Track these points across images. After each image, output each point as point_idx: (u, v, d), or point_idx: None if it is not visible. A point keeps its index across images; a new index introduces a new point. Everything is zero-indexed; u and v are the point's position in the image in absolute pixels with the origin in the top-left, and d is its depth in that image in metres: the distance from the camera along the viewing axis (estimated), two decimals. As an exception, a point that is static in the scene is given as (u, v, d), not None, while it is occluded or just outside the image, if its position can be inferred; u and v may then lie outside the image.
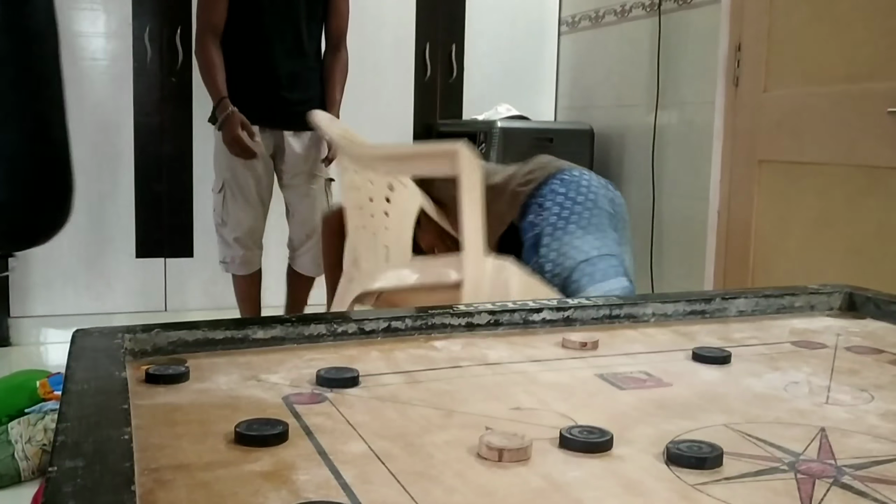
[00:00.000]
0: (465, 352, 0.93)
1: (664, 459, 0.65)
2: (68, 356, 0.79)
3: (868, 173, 2.49)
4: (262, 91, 2.92)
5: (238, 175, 2.96)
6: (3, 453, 2.19)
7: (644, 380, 0.85)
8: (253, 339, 0.92)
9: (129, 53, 3.53)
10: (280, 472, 0.60)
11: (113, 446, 0.57)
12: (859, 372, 0.90)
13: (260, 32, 2.88)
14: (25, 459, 2.20)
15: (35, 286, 3.53)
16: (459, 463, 0.63)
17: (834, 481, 0.62)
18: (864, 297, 1.16)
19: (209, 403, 0.75)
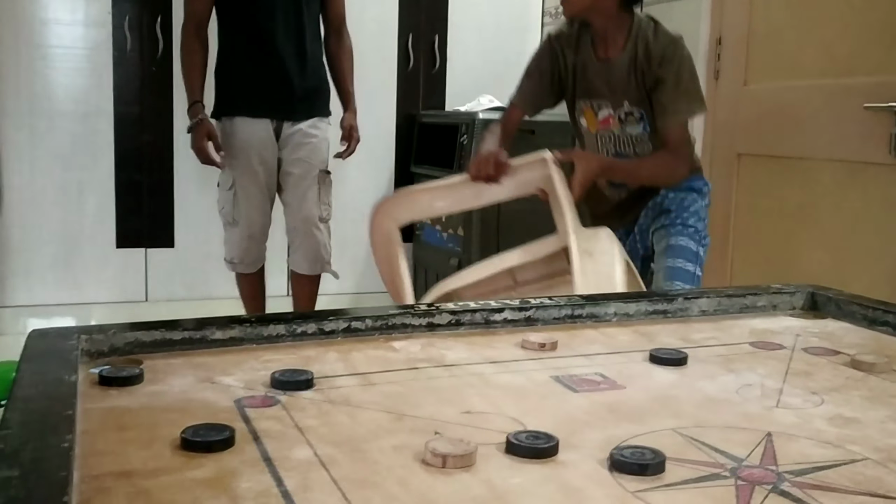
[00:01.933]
0: (424, 353, 0.94)
1: (607, 466, 0.65)
2: (20, 358, 0.79)
3: (846, 168, 2.51)
4: (264, 80, 2.85)
5: (250, 171, 2.86)
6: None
7: (598, 382, 0.86)
8: (211, 340, 0.92)
9: (109, 42, 3.51)
10: (221, 479, 0.60)
11: (52, 454, 0.57)
12: (813, 374, 0.91)
13: (258, 20, 2.82)
14: None
15: (15, 276, 3.52)
16: (403, 469, 0.63)
17: (773, 488, 0.62)
18: (825, 297, 1.17)
19: (160, 407, 0.75)
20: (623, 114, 2.07)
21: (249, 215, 2.90)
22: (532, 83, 2.20)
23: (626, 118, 2.07)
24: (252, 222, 2.92)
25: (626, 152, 2.12)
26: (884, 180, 2.38)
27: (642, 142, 2.10)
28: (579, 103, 2.16)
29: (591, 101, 2.12)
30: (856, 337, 1.07)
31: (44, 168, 3.51)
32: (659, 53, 1.98)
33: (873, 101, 2.37)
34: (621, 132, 2.10)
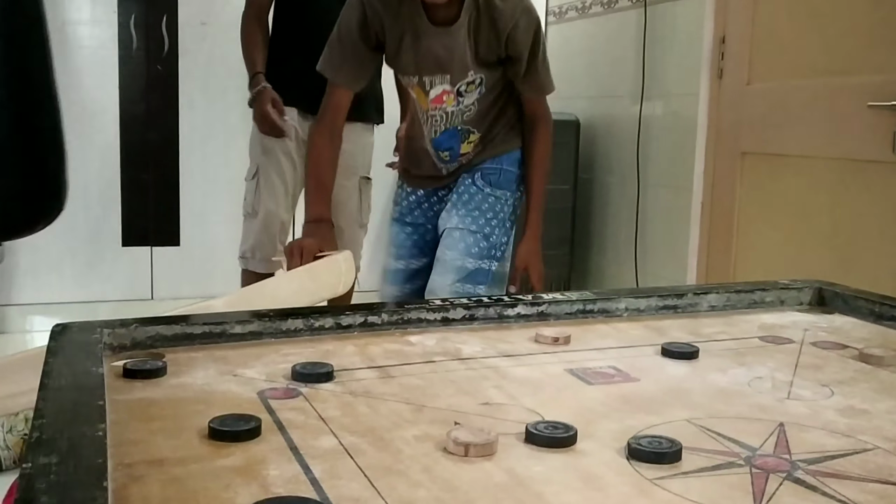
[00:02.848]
0: (440, 346, 0.95)
1: (625, 454, 0.67)
2: (47, 351, 0.81)
3: (849, 166, 2.52)
4: (302, 71, 2.83)
5: (273, 159, 2.82)
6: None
7: (612, 375, 0.88)
8: (231, 334, 0.93)
9: (115, 41, 3.53)
10: (251, 467, 0.62)
11: (87, 442, 0.58)
12: (822, 367, 0.92)
13: (304, 12, 2.82)
14: (7, 449, 2.21)
15: (21, 274, 3.54)
16: (427, 458, 0.65)
17: (787, 476, 0.64)
18: (832, 293, 1.19)
19: (185, 398, 0.76)
20: (465, 85, 1.88)
21: (268, 207, 2.89)
22: (346, 55, 1.90)
23: (465, 89, 1.89)
24: (269, 214, 2.89)
25: (453, 124, 1.96)
26: (887, 178, 2.40)
27: (471, 107, 1.93)
28: (404, 78, 1.96)
29: (421, 78, 1.90)
30: (863, 331, 1.08)
31: (50, 167, 3.52)
32: (510, 19, 1.78)
33: (876, 100, 2.38)
34: (456, 107, 1.92)
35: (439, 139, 2.00)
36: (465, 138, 1.99)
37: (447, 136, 1.99)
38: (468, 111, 1.94)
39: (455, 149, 2.01)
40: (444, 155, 2.02)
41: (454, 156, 2.02)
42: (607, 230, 3.65)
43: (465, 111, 1.94)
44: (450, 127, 1.97)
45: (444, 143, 2.01)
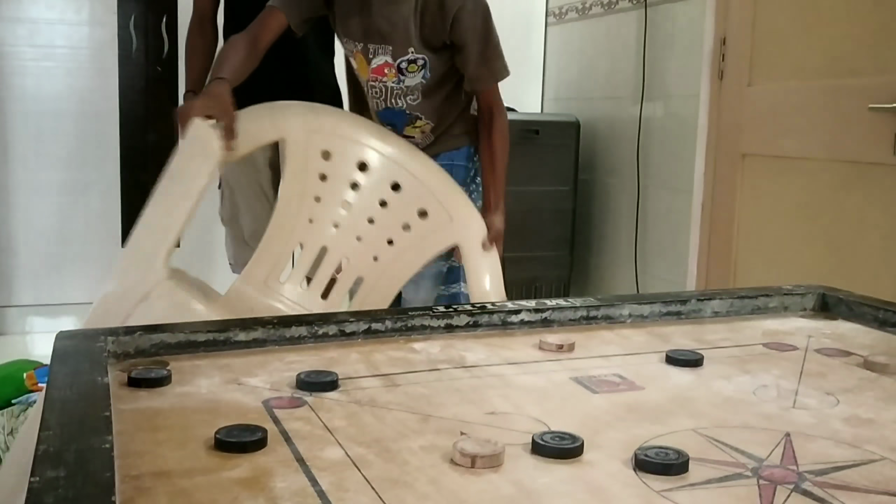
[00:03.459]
0: (444, 354, 0.95)
1: (632, 465, 0.67)
2: (51, 360, 0.80)
3: (850, 168, 2.52)
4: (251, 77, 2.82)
5: (232, 169, 2.86)
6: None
7: (617, 383, 0.87)
8: (234, 342, 0.93)
9: (115, 42, 3.52)
10: (258, 479, 0.62)
11: (94, 455, 0.58)
12: (827, 375, 0.92)
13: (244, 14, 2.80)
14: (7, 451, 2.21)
15: (20, 275, 3.53)
16: (433, 469, 0.65)
17: (795, 487, 0.64)
18: (836, 298, 1.19)
19: (190, 408, 0.76)
20: (406, 62, 1.83)
21: (234, 216, 2.90)
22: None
23: (407, 67, 1.84)
24: (236, 224, 2.90)
25: (396, 105, 1.90)
26: (888, 181, 2.40)
27: (415, 92, 1.87)
28: (349, 42, 1.89)
29: (366, 45, 1.85)
30: (867, 338, 1.08)
31: (49, 168, 3.52)
32: (456, 2, 1.76)
33: (878, 102, 2.38)
34: (397, 84, 1.87)
35: (382, 113, 1.94)
36: (409, 121, 1.93)
37: (388, 112, 1.93)
38: (413, 97, 1.88)
39: (398, 126, 1.93)
40: (388, 129, 1.94)
41: (399, 134, 1.94)
42: (607, 232, 3.65)
43: (409, 95, 1.87)
44: (393, 106, 1.91)
45: (386, 118, 1.94)
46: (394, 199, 1.77)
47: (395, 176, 1.78)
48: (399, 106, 1.90)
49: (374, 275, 1.77)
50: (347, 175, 1.76)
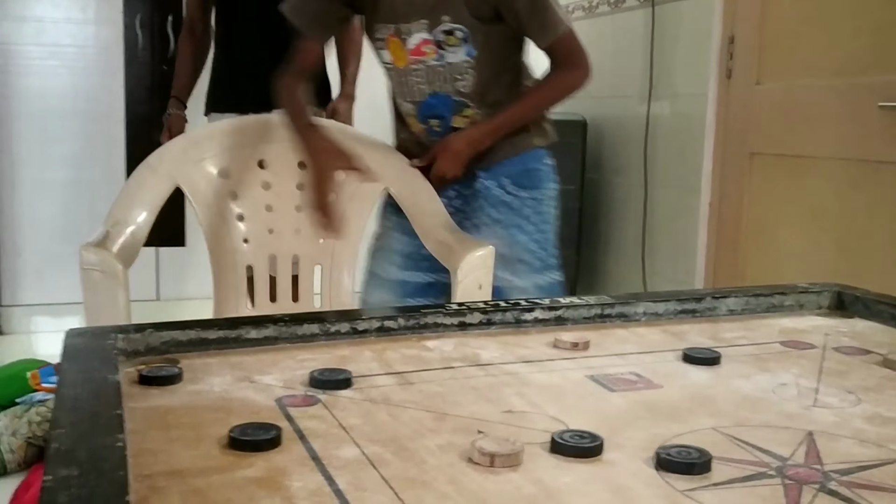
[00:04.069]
0: (458, 352, 0.94)
1: (654, 464, 0.65)
2: (61, 357, 0.79)
3: (859, 167, 2.50)
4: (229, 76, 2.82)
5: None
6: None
7: (634, 381, 0.86)
8: (246, 339, 0.92)
9: (121, 41, 3.52)
10: (273, 479, 0.61)
11: (107, 454, 0.57)
12: (847, 373, 0.91)
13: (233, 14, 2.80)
14: (10, 452, 2.20)
15: (26, 275, 3.53)
16: (452, 468, 0.64)
17: (820, 487, 0.63)
18: (852, 296, 1.17)
19: (202, 406, 0.75)
20: (442, 34, 1.66)
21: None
22: (315, 4, 1.75)
23: (445, 40, 1.66)
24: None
25: (443, 91, 1.72)
26: (898, 179, 2.38)
27: (465, 73, 1.70)
28: (381, 29, 1.74)
29: (396, 26, 1.70)
30: (885, 336, 1.07)
31: (55, 167, 3.51)
32: None
33: (888, 100, 2.36)
34: (440, 62, 1.69)
35: (426, 104, 1.76)
36: (457, 109, 1.76)
37: (435, 100, 1.75)
38: (462, 81, 1.71)
39: (446, 118, 1.76)
40: (435, 125, 1.78)
41: (445, 127, 1.77)
42: (614, 231, 3.63)
43: (458, 78, 1.70)
44: (438, 91, 1.73)
45: (431, 109, 1.76)
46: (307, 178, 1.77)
47: (296, 155, 1.75)
48: (445, 90, 1.73)
49: (328, 255, 1.78)
50: (253, 180, 1.77)
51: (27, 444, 2.22)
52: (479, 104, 1.76)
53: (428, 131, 1.80)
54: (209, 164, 1.74)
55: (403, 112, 1.83)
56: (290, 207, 1.78)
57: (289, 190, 1.79)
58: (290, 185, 1.79)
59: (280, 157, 1.78)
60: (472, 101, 1.75)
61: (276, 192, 1.78)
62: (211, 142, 1.78)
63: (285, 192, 1.78)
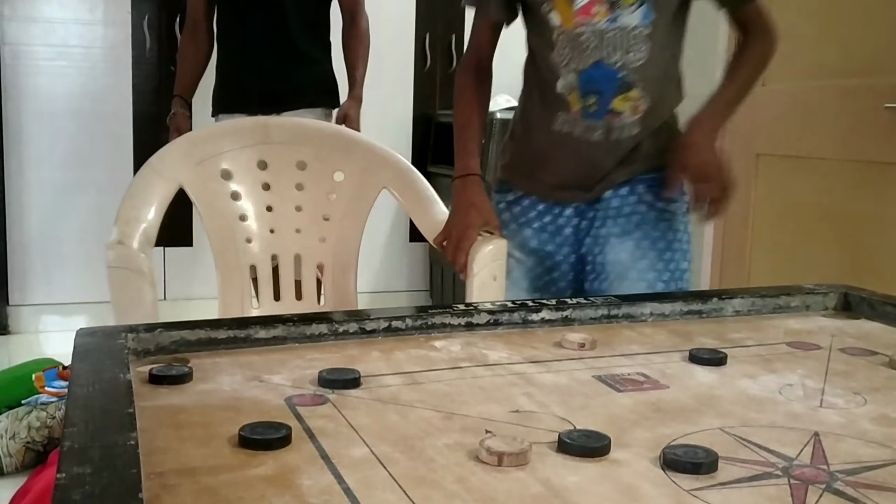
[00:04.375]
0: (465, 352, 0.94)
1: (660, 464, 0.66)
2: (73, 357, 0.80)
3: (865, 168, 2.50)
4: (238, 76, 2.82)
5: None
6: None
7: (641, 381, 0.87)
8: (255, 339, 0.93)
9: (128, 41, 3.53)
10: (284, 477, 0.61)
11: (120, 452, 0.58)
12: (853, 374, 0.91)
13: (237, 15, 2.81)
14: (8, 455, 2.21)
15: (34, 274, 3.54)
16: (460, 467, 0.64)
17: (826, 487, 0.63)
18: (858, 298, 1.18)
19: (213, 405, 0.76)
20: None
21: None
22: None
23: (618, 2, 1.44)
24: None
25: (610, 60, 1.47)
26: (905, 180, 2.38)
27: (638, 44, 1.46)
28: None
29: None
30: (891, 337, 1.07)
31: (63, 167, 3.53)
32: None
33: (893, 101, 2.36)
34: (611, 25, 1.45)
35: (587, 75, 1.49)
36: (621, 88, 1.49)
37: (596, 72, 1.48)
38: (635, 52, 1.46)
39: (605, 95, 1.49)
40: (591, 103, 1.51)
41: (602, 108, 1.51)
42: (620, 231, 3.63)
43: (631, 47, 1.46)
44: (605, 60, 1.47)
45: (590, 83, 1.50)
46: (305, 178, 1.78)
47: (295, 155, 1.78)
48: (613, 61, 1.47)
49: (329, 255, 1.79)
50: (254, 180, 1.78)
51: (25, 448, 2.23)
52: (644, 85, 1.50)
53: (583, 111, 1.53)
54: (210, 165, 1.75)
55: (560, 89, 1.53)
56: (290, 207, 1.79)
57: (288, 190, 1.80)
58: (290, 186, 1.80)
59: (279, 157, 1.79)
60: (638, 80, 1.49)
61: (276, 192, 1.79)
62: (211, 143, 1.79)
63: (285, 192, 1.79)
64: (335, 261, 1.81)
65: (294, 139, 1.80)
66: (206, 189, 1.75)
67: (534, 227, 1.62)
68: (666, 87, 1.55)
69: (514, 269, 1.62)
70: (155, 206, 1.70)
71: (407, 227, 3.99)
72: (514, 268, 1.62)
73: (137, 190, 1.71)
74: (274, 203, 1.79)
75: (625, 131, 1.53)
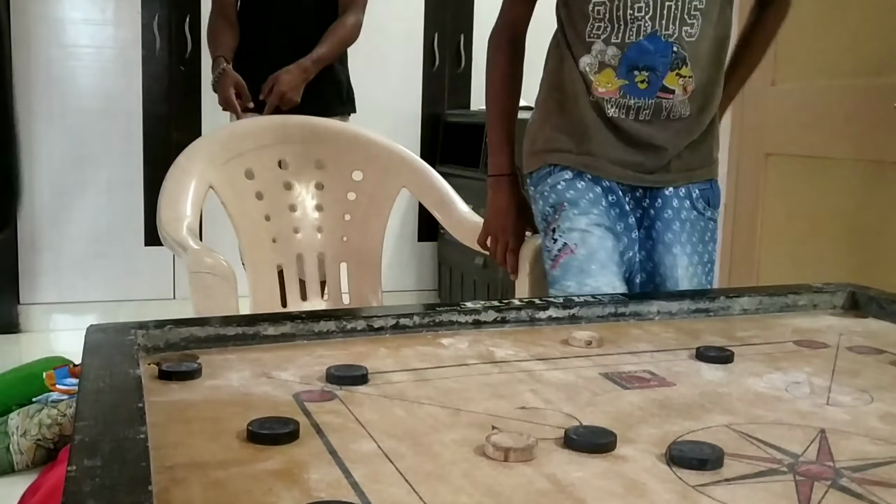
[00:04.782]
0: (472, 349, 0.95)
1: (666, 460, 0.66)
2: (83, 353, 0.81)
3: (875, 167, 2.50)
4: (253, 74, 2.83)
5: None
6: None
7: (648, 379, 0.87)
8: (264, 336, 0.93)
9: (138, 42, 3.55)
10: (292, 471, 0.62)
11: (129, 445, 0.58)
12: (860, 373, 0.91)
13: (258, 16, 2.81)
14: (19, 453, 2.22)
15: (44, 273, 3.56)
16: (466, 462, 0.65)
17: (832, 483, 0.63)
18: (866, 297, 1.17)
19: (222, 401, 0.76)
20: None
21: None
22: None
23: None
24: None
25: (666, 32, 1.39)
26: (915, 180, 2.37)
27: (695, 14, 1.39)
28: None
29: None
30: (899, 336, 1.07)
31: (73, 166, 3.55)
32: None
33: (904, 101, 2.36)
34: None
35: (638, 47, 1.39)
36: (674, 65, 1.40)
37: (652, 44, 1.39)
38: (692, 22, 1.39)
39: (659, 72, 1.40)
40: (640, 79, 1.40)
41: (655, 84, 1.41)
42: (629, 231, 3.63)
43: (689, 16, 1.38)
44: (660, 32, 1.38)
45: (642, 56, 1.40)
46: (325, 177, 1.79)
47: (314, 154, 1.79)
48: (670, 33, 1.38)
49: (351, 254, 1.81)
50: (276, 179, 1.79)
51: (36, 445, 2.25)
52: (695, 62, 1.43)
53: (626, 89, 1.42)
54: (235, 165, 1.76)
55: (591, 66, 1.44)
56: (311, 207, 1.81)
57: (309, 189, 1.81)
58: (310, 185, 1.81)
59: (298, 157, 1.80)
60: (690, 56, 1.41)
61: (298, 191, 1.81)
62: (233, 142, 1.80)
63: (306, 191, 1.81)
64: (358, 260, 1.82)
65: (312, 138, 1.82)
66: (233, 189, 1.76)
67: (602, 205, 1.50)
68: (714, 72, 1.49)
69: (599, 248, 1.45)
70: (192, 205, 1.71)
71: (415, 226, 4.00)
72: (597, 247, 1.45)
73: (172, 192, 1.72)
74: (296, 203, 1.80)
75: (675, 111, 1.46)
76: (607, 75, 1.42)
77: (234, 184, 1.75)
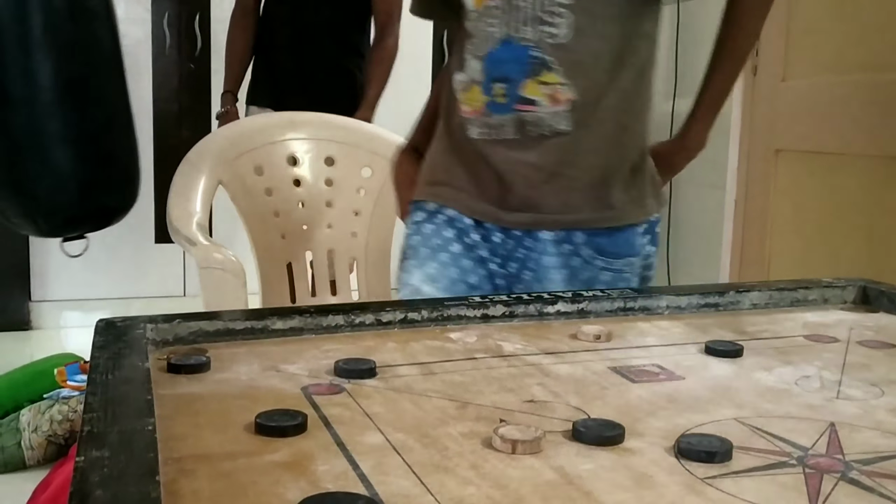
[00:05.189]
0: (480, 343, 0.95)
1: (674, 453, 0.66)
2: (93, 346, 0.81)
3: (886, 163, 2.48)
4: (265, 71, 2.84)
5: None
6: (10, 440, 2.23)
7: (656, 373, 0.87)
8: (272, 330, 0.93)
9: (148, 39, 3.56)
10: (299, 463, 0.62)
11: (138, 437, 0.59)
12: (871, 367, 0.91)
13: (279, 15, 2.83)
14: (31, 448, 2.24)
15: (55, 271, 3.58)
16: (474, 455, 0.65)
17: (841, 476, 0.63)
18: (877, 291, 1.17)
19: (229, 393, 0.77)
20: None
21: None
22: None
23: None
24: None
25: (519, 38, 1.22)
26: (926, 176, 2.36)
27: (559, 11, 1.20)
28: None
29: None
30: (910, 330, 1.06)
31: (84, 164, 3.56)
32: None
33: (916, 96, 2.35)
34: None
35: (493, 57, 1.23)
36: (533, 70, 1.22)
37: (505, 52, 1.22)
38: (555, 25, 1.19)
39: (514, 81, 1.23)
40: (499, 93, 1.24)
41: (512, 97, 1.23)
42: (639, 228, 3.62)
43: (548, 20, 1.19)
44: (514, 37, 1.22)
45: (498, 66, 1.23)
46: (335, 174, 1.80)
47: (324, 151, 1.80)
48: (523, 37, 1.21)
49: (361, 250, 1.81)
50: (286, 176, 1.79)
51: (47, 441, 2.26)
52: (569, 67, 1.22)
53: (489, 106, 1.26)
54: (245, 161, 1.76)
55: (462, 83, 1.30)
56: (321, 203, 1.81)
57: (318, 186, 1.81)
58: (320, 182, 1.81)
59: (308, 153, 1.81)
60: (557, 61, 1.22)
61: (307, 187, 1.81)
62: (243, 138, 1.81)
63: (315, 187, 1.81)
64: (368, 256, 1.83)
65: (320, 134, 1.82)
66: (243, 185, 1.76)
67: (450, 250, 1.32)
68: (611, 78, 1.25)
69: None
70: (202, 201, 1.71)
71: (425, 223, 4.00)
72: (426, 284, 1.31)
73: (182, 188, 1.73)
74: (305, 199, 1.81)
75: (543, 127, 1.24)
76: (474, 93, 1.28)
77: (244, 180, 1.76)
